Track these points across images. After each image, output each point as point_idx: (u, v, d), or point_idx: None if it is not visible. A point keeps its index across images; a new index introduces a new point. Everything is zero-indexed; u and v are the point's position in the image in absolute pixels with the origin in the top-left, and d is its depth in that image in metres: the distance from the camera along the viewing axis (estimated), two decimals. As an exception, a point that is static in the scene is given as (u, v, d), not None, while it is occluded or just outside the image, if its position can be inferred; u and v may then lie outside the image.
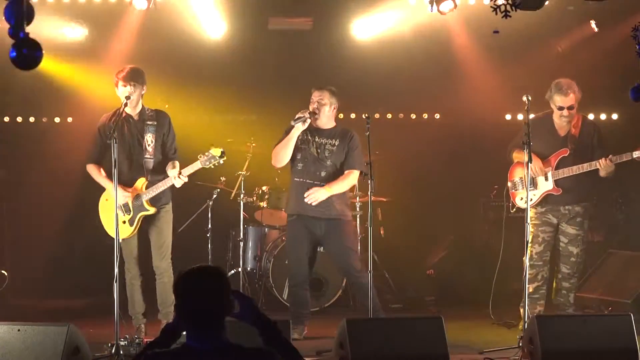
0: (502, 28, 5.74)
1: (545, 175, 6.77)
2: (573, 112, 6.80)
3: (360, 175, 6.72)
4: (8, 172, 8.94)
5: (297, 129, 6.63)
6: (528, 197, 6.18)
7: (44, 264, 8.83)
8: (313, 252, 6.82)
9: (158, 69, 7.77)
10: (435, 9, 7.42)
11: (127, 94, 6.30)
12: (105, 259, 6.05)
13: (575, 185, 6.75)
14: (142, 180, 6.51)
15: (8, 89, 8.49)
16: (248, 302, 3.26)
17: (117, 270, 5.80)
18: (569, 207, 6.83)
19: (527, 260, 6.07)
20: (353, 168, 6.69)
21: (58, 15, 8.21)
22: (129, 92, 6.39)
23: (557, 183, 6.77)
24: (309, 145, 6.69)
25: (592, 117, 9.35)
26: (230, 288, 3.16)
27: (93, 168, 6.64)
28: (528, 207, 6.13)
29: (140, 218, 6.52)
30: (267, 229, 8.53)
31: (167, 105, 7.47)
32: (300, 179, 6.71)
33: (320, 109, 6.72)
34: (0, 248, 8.54)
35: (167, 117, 6.72)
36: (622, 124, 9.38)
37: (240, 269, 7.82)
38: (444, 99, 9.72)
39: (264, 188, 8.35)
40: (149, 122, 6.57)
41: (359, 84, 7.56)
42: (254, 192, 8.30)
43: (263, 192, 8.32)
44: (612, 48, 8.15)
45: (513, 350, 5.91)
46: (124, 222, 6.46)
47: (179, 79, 8.91)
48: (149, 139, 6.54)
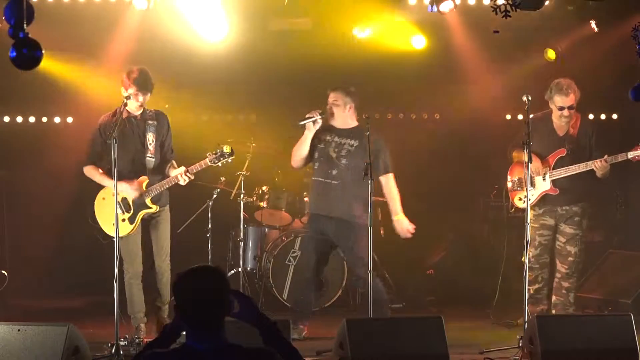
0: (502, 28, 5.76)
1: (543, 176, 6.78)
2: (573, 112, 6.81)
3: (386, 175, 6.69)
4: (8, 172, 8.94)
5: (309, 130, 6.61)
6: (528, 196, 6.17)
7: (44, 264, 8.82)
8: (326, 252, 6.77)
9: (158, 69, 7.74)
10: (435, 9, 7.43)
11: (127, 95, 6.30)
12: (105, 258, 6.04)
13: (573, 186, 6.76)
14: (144, 179, 6.51)
15: (8, 89, 8.48)
16: (248, 302, 3.26)
17: (117, 270, 5.80)
18: (567, 207, 6.84)
19: (526, 261, 6.07)
20: (384, 173, 6.65)
21: (58, 15, 8.21)
22: (141, 102, 6.46)
23: (554, 183, 6.78)
24: (327, 145, 6.65)
25: (591, 117, 9.38)
26: (230, 288, 3.16)
27: (91, 169, 6.60)
28: (528, 206, 6.13)
29: (141, 216, 6.51)
30: (267, 229, 8.53)
31: (167, 106, 7.47)
32: (317, 178, 6.72)
33: (335, 110, 6.70)
34: (0, 248, 8.53)
35: (166, 117, 6.75)
36: (622, 124, 9.38)
37: (240, 269, 7.82)
38: (444, 99, 9.72)
39: (264, 188, 8.35)
40: (150, 121, 6.59)
41: (359, 84, 7.54)
42: (254, 192, 8.31)
43: (263, 192, 8.32)
44: (612, 48, 8.14)
45: (513, 350, 5.91)
46: (123, 220, 6.44)
47: (179, 79, 8.90)
48: (150, 138, 6.55)
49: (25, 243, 8.92)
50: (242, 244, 7.94)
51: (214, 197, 7.92)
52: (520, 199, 6.94)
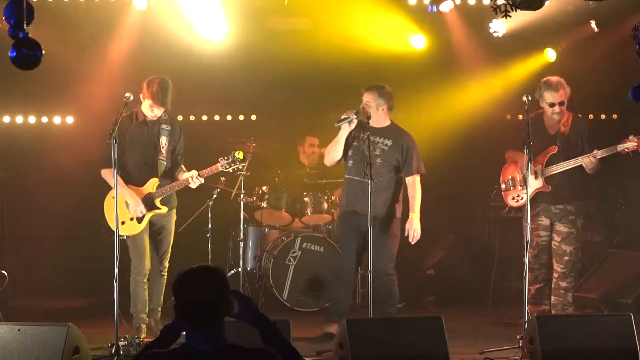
0: (502, 27, 5.76)
1: (535, 174, 6.79)
2: (564, 108, 6.83)
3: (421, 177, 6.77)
4: (8, 172, 8.93)
5: (344, 130, 6.65)
6: (528, 196, 6.15)
7: (44, 264, 8.82)
8: (362, 248, 6.71)
9: (158, 69, 7.74)
10: (435, 9, 7.44)
11: (128, 94, 6.26)
12: (106, 258, 6.03)
13: (565, 183, 6.77)
14: (154, 180, 6.59)
15: (8, 89, 8.48)
16: (248, 302, 3.26)
17: (117, 270, 5.80)
18: (561, 206, 6.86)
19: (526, 260, 6.06)
20: (415, 173, 6.73)
21: (58, 15, 8.20)
22: (156, 114, 6.56)
23: (546, 180, 6.79)
24: (361, 143, 6.64)
25: (591, 117, 9.38)
26: (230, 288, 3.16)
27: (110, 172, 6.46)
28: (528, 207, 6.11)
29: (150, 216, 6.57)
30: (267, 229, 8.53)
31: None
32: (350, 176, 6.72)
33: (367, 111, 6.69)
34: (0, 248, 8.53)
35: (179, 123, 6.91)
36: (622, 124, 9.37)
37: (240, 269, 7.81)
38: (444, 99, 9.72)
39: (264, 188, 8.35)
40: (164, 125, 6.69)
41: (359, 84, 7.55)
42: (254, 192, 8.31)
43: (263, 192, 8.32)
44: (612, 48, 8.14)
45: (513, 350, 5.91)
46: (132, 219, 6.50)
47: (179, 79, 8.88)
48: (163, 142, 6.66)
49: (25, 243, 8.91)
50: (242, 244, 7.94)
51: (214, 197, 7.92)
52: (513, 198, 7.00)
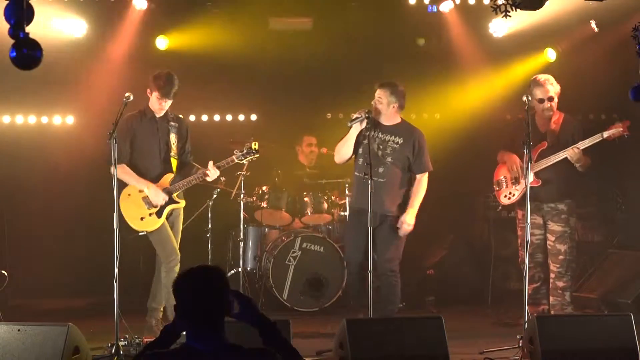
0: (501, 28, 5.76)
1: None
2: (553, 104, 6.84)
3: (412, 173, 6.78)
4: (8, 172, 8.93)
5: (355, 129, 6.65)
6: (528, 196, 6.14)
7: (44, 264, 8.82)
8: (374, 242, 6.65)
9: (158, 69, 7.73)
10: (435, 9, 7.44)
11: (128, 94, 6.26)
12: (106, 258, 6.01)
13: (555, 181, 6.79)
14: (169, 176, 6.67)
15: (8, 89, 8.48)
16: (248, 302, 3.26)
17: (117, 270, 5.80)
18: (552, 204, 6.88)
19: (526, 260, 6.06)
20: (423, 171, 6.74)
21: (58, 14, 8.20)
22: (163, 106, 6.64)
23: (536, 175, 6.81)
24: (371, 141, 6.62)
25: (591, 117, 9.38)
26: (230, 288, 3.16)
27: (125, 168, 6.52)
28: (528, 206, 6.10)
29: (169, 211, 6.64)
30: (267, 229, 8.53)
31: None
32: (360, 174, 6.67)
33: (378, 107, 6.72)
34: (1, 248, 8.52)
35: (185, 121, 7.00)
36: (627, 121, 9.35)
37: (240, 269, 7.82)
38: (444, 99, 9.72)
39: (264, 188, 8.35)
40: (172, 123, 6.77)
41: (359, 84, 7.56)
42: (254, 192, 8.31)
43: (263, 192, 8.32)
44: (612, 48, 8.14)
45: (513, 350, 5.91)
46: (150, 214, 6.57)
47: (179, 79, 8.89)
48: (173, 139, 6.74)
49: (25, 243, 8.91)
50: (242, 244, 7.94)
51: (214, 197, 7.93)
52: (505, 196, 7.09)
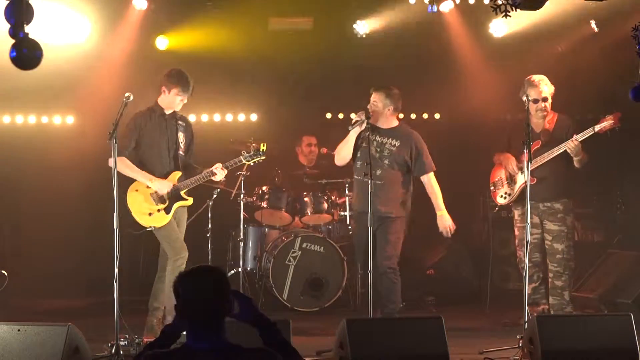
0: (502, 28, 5.76)
1: (521, 169, 6.83)
2: (548, 104, 6.85)
3: (410, 175, 6.88)
4: (8, 172, 8.94)
5: (354, 131, 6.74)
6: (528, 196, 6.14)
7: (44, 264, 8.82)
8: (374, 245, 6.72)
9: (158, 69, 7.73)
10: (436, 9, 7.44)
11: (127, 94, 6.24)
12: (106, 258, 6.01)
13: (551, 178, 6.79)
14: (177, 173, 6.68)
15: (8, 89, 8.48)
16: (248, 302, 3.26)
17: (117, 270, 5.79)
18: (548, 203, 6.89)
19: (526, 260, 6.07)
20: (427, 172, 6.87)
21: (58, 14, 8.20)
22: (183, 101, 6.66)
23: (531, 173, 6.80)
24: (369, 144, 6.67)
25: (591, 117, 9.36)
26: (230, 288, 3.16)
27: (125, 161, 6.47)
28: (528, 206, 6.10)
29: (177, 208, 6.63)
30: (267, 229, 8.53)
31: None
32: (359, 177, 6.77)
33: (374, 112, 6.81)
34: (1, 248, 8.53)
35: (190, 122, 6.99)
36: (621, 124, 9.35)
37: (240, 269, 7.81)
38: (444, 99, 9.72)
39: (264, 188, 8.35)
40: (180, 122, 6.79)
41: (359, 84, 7.56)
42: (254, 192, 8.31)
43: (263, 192, 8.32)
44: (612, 48, 8.14)
45: (513, 350, 5.91)
46: (159, 210, 6.56)
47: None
48: (181, 137, 6.75)
49: (26, 243, 8.91)
50: (242, 244, 7.93)
51: (214, 197, 7.92)
52: (502, 196, 7.11)
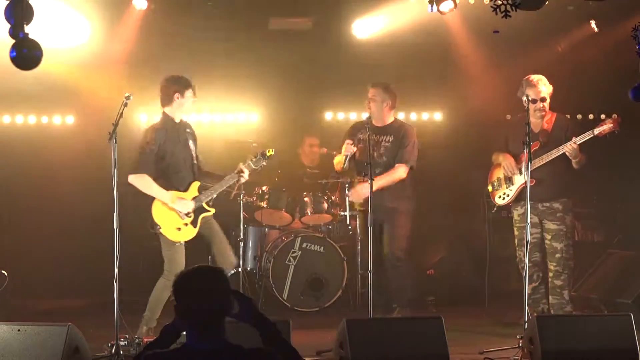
0: (502, 28, 5.76)
1: (519, 170, 6.83)
2: (545, 105, 6.85)
3: (411, 170, 7.01)
4: (8, 172, 8.94)
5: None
6: (528, 196, 6.13)
7: (44, 264, 8.82)
8: (379, 239, 6.89)
9: (158, 69, 7.75)
10: (435, 9, 7.42)
11: (127, 94, 6.21)
12: (106, 258, 6.00)
13: (550, 178, 6.78)
14: (197, 184, 6.63)
15: (8, 89, 8.48)
16: (248, 302, 3.26)
17: (117, 270, 5.79)
18: (547, 203, 6.89)
19: (526, 260, 6.07)
20: (401, 162, 6.97)
21: (58, 14, 8.20)
22: (193, 102, 6.64)
23: (530, 174, 6.80)
24: (369, 145, 6.68)
25: (591, 117, 9.37)
26: (230, 288, 3.16)
27: (146, 178, 6.40)
28: (528, 206, 6.10)
29: (201, 219, 6.59)
30: (267, 229, 8.53)
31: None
32: (360, 177, 6.93)
33: (372, 105, 6.97)
34: (1, 248, 8.53)
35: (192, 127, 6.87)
36: (621, 124, 9.35)
37: (240, 269, 7.82)
38: (444, 99, 9.72)
39: (264, 188, 8.35)
40: (188, 130, 6.71)
41: (359, 84, 7.57)
42: (254, 192, 8.30)
43: (263, 192, 8.32)
44: (612, 48, 8.14)
45: (513, 350, 5.90)
46: (186, 224, 6.52)
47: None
48: (192, 146, 6.68)
49: (26, 243, 8.91)
50: (242, 244, 7.94)
51: (214, 197, 7.91)
52: (500, 197, 7.09)
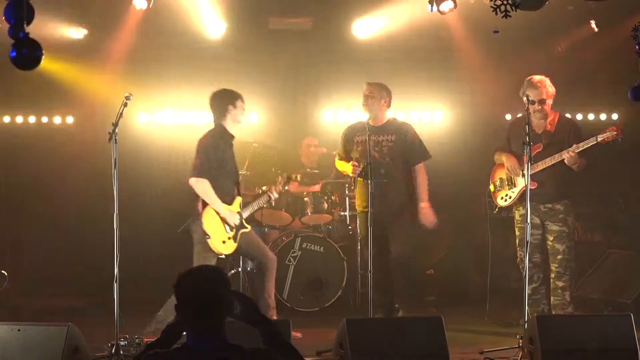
0: (502, 28, 5.77)
1: (522, 173, 6.83)
2: (546, 106, 6.86)
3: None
4: (8, 172, 8.95)
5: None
6: (528, 196, 6.13)
7: (44, 264, 8.83)
8: (384, 242, 6.85)
9: (158, 69, 7.78)
10: (435, 9, 7.43)
11: (128, 94, 6.16)
12: (107, 258, 6.00)
13: (551, 182, 6.78)
14: (239, 199, 6.67)
15: (8, 89, 8.49)
16: (248, 302, 3.26)
17: (117, 270, 5.80)
18: (549, 205, 6.88)
19: (526, 260, 6.07)
20: (419, 162, 6.96)
21: (58, 14, 8.21)
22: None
23: (532, 177, 6.80)
24: (367, 146, 6.67)
25: (592, 117, 9.38)
26: (230, 288, 3.16)
27: (205, 184, 6.43)
28: (528, 205, 6.10)
29: (240, 235, 6.61)
30: (267, 229, 8.52)
31: (167, 109, 7.49)
32: (362, 178, 6.82)
33: (370, 102, 6.90)
34: (1, 248, 8.53)
35: None
36: (621, 124, 9.36)
37: (240, 269, 7.82)
38: (445, 99, 9.72)
39: (264, 188, 8.34)
40: (233, 142, 6.67)
41: (359, 84, 7.57)
42: (254, 192, 8.30)
43: (263, 192, 8.31)
44: (612, 48, 8.14)
45: (513, 350, 5.91)
46: (229, 238, 6.55)
47: (179, 79, 8.91)
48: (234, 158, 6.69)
49: (26, 243, 8.92)
50: (242, 244, 7.93)
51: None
52: (502, 198, 7.10)
